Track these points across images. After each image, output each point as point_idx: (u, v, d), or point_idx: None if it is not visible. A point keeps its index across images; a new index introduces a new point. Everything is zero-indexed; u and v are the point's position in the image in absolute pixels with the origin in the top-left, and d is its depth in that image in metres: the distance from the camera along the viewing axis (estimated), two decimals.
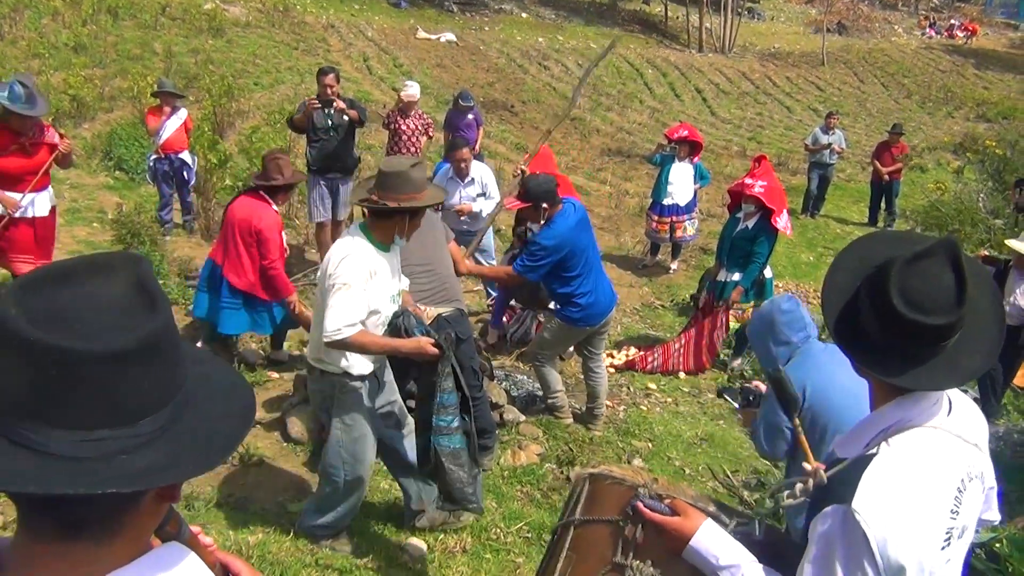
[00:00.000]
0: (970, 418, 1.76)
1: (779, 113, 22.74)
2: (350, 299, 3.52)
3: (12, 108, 5.59)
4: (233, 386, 1.23)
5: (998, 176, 13.22)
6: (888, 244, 1.75)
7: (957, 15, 40.17)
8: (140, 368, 1.03)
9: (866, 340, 1.66)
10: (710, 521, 1.83)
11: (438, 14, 26.47)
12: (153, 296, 1.07)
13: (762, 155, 7.66)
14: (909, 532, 1.53)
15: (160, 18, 18.18)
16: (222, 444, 1.13)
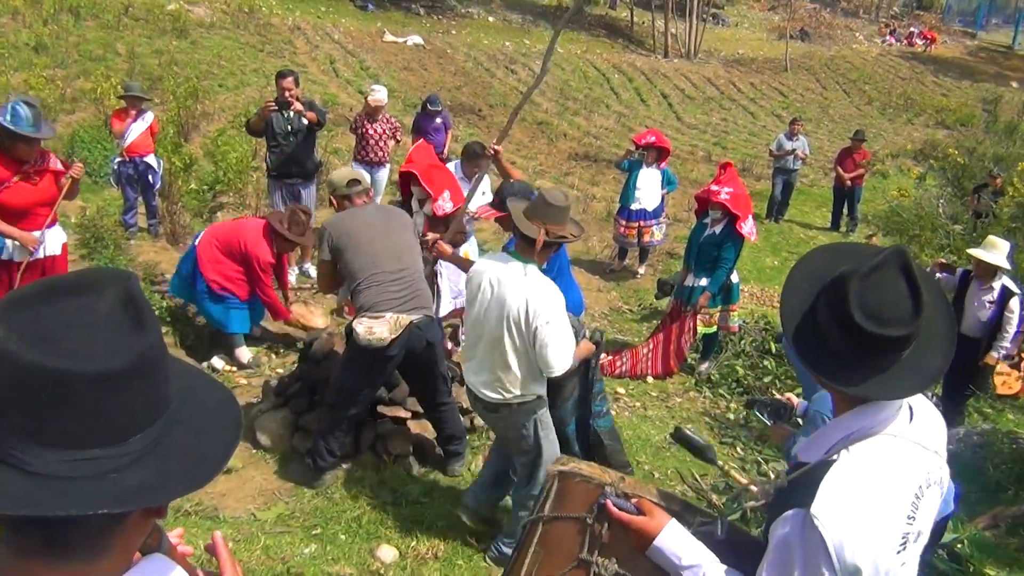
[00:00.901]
0: (930, 425, 1.80)
1: (743, 119, 22.99)
2: (567, 329, 3.81)
3: (18, 131, 5.03)
4: (220, 401, 1.23)
5: (957, 182, 13.47)
6: (837, 257, 1.79)
7: (916, 23, 40.85)
8: (131, 387, 1.03)
9: (826, 352, 1.69)
10: (674, 521, 1.87)
11: (405, 17, 26.42)
12: (142, 314, 1.06)
13: (727, 162, 7.75)
14: (865, 536, 1.57)
15: (123, 18, 17.95)
16: (211, 461, 1.13)
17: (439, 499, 4.74)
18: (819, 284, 1.73)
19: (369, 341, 4.33)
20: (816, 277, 1.75)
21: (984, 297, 6.54)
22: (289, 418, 5.19)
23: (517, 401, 3.90)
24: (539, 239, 3.79)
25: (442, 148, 11.43)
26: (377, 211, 4.96)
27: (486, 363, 3.92)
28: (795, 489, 1.69)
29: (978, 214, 11.46)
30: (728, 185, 7.09)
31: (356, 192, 4.92)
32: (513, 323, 3.76)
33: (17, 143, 5.10)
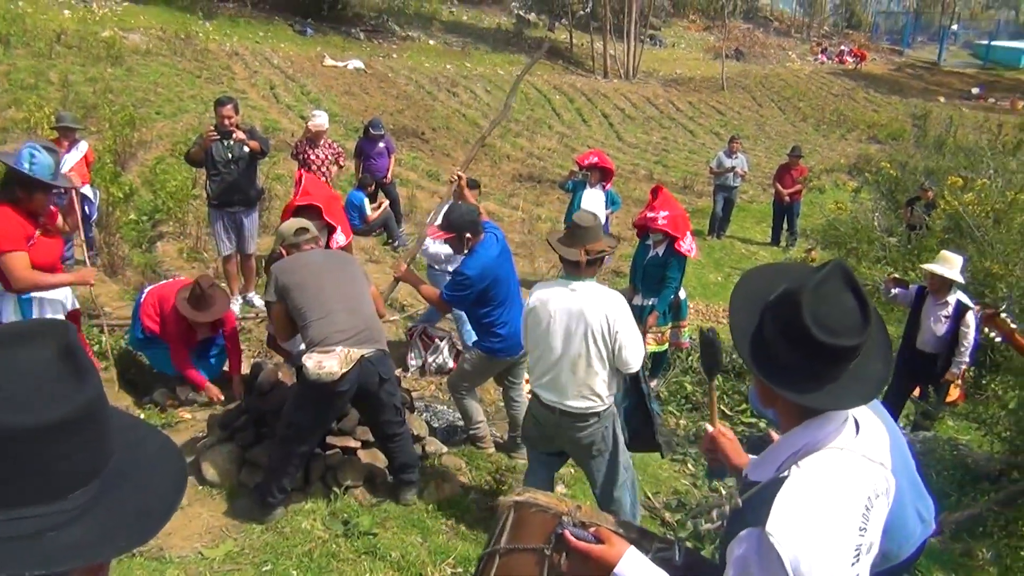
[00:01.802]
0: (875, 437, 1.85)
1: (683, 137, 23.36)
2: (635, 328, 4.25)
3: (41, 180, 4.58)
4: (164, 452, 1.19)
5: (891, 196, 13.84)
6: (775, 276, 1.86)
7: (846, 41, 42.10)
8: (71, 440, 1.00)
9: (778, 366, 1.74)
10: (633, 549, 1.87)
11: (345, 41, 26.33)
12: (81, 365, 1.03)
13: (659, 185, 7.84)
14: (820, 551, 1.59)
15: (55, 46, 17.59)
16: (156, 515, 1.09)
17: (392, 529, 4.68)
18: (761, 302, 1.80)
19: (319, 376, 4.26)
20: (757, 296, 1.82)
21: (940, 312, 6.60)
22: (235, 452, 5.07)
23: (606, 405, 4.29)
24: (581, 260, 4.21)
25: (385, 172, 11.40)
26: (323, 254, 4.98)
27: (571, 379, 4.25)
28: (749, 508, 1.72)
29: (912, 226, 11.78)
30: (663, 208, 7.19)
31: (304, 240, 4.93)
32: (597, 336, 4.16)
33: (36, 193, 4.63)
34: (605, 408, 4.29)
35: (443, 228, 5.41)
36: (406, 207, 12.61)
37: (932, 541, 5.45)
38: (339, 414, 4.87)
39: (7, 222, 4.54)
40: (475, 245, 5.34)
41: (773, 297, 1.78)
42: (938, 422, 7.39)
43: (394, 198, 11.71)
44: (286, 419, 4.57)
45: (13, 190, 4.59)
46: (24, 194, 4.59)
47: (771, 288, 1.80)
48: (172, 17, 23.24)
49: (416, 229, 11.82)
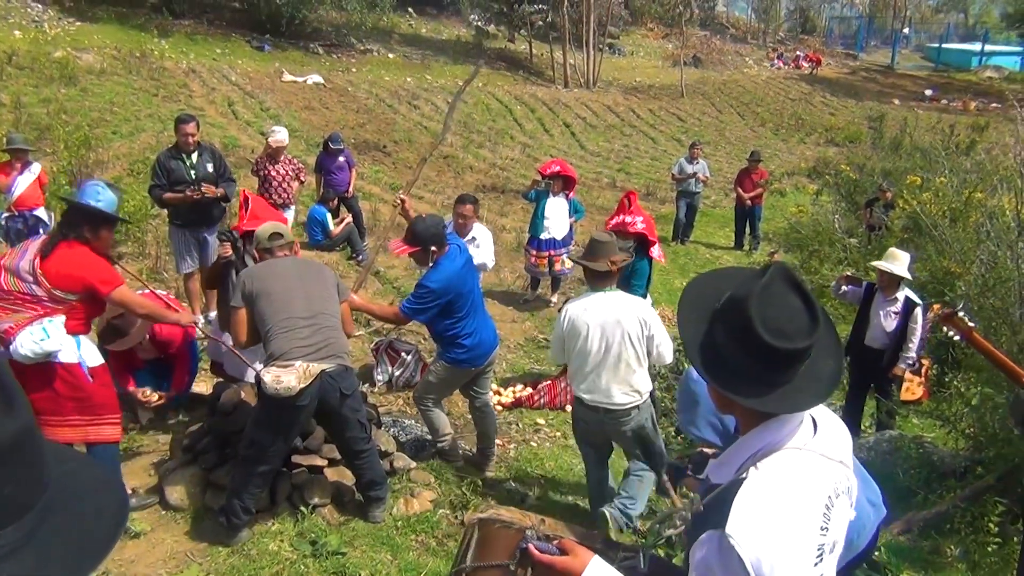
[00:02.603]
0: (834, 436, 1.84)
1: (644, 144, 23.51)
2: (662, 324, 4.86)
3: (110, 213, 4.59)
4: (103, 483, 1.14)
5: (850, 198, 14.04)
6: (718, 281, 1.87)
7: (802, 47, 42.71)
8: (2, 472, 0.94)
9: (729, 372, 1.74)
10: (598, 558, 1.85)
11: (303, 56, 26.19)
12: (10, 395, 0.98)
13: (631, 191, 7.85)
14: (782, 551, 1.57)
15: (6, 67, 17.26)
16: (94, 547, 1.04)
17: (361, 547, 4.61)
18: (708, 309, 1.80)
19: (276, 391, 4.19)
20: (703, 304, 1.82)
21: (889, 308, 6.78)
22: (199, 475, 4.97)
23: (642, 400, 4.82)
24: (612, 270, 4.83)
25: (346, 187, 11.33)
26: (294, 263, 4.88)
27: (613, 379, 4.77)
28: (710, 511, 1.71)
29: (872, 227, 11.95)
30: (639, 214, 7.20)
31: (277, 245, 4.90)
32: (634, 338, 4.72)
33: (102, 229, 4.58)
34: (644, 401, 4.85)
35: (407, 241, 5.36)
36: (369, 221, 12.54)
37: (901, 539, 5.53)
38: (301, 431, 4.79)
39: (97, 260, 4.50)
40: (439, 258, 5.30)
41: (720, 304, 1.78)
42: (903, 420, 7.47)
43: (356, 212, 11.63)
44: (247, 438, 4.49)
45: (79, 228, 4.48)
46: (91, 231, 4.51)
47: (716, 295, 1.80)
48: (127, 35, 22.96)
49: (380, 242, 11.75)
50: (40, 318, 4.36)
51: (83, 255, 4.44)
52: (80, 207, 4.51)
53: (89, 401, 4.53)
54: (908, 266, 6.73)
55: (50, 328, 4.36)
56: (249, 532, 4.60)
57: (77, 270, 4.39)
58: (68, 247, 4.42)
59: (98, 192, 4.55)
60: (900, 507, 5.89)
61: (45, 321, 4.36)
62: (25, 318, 4.33)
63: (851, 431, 6.49)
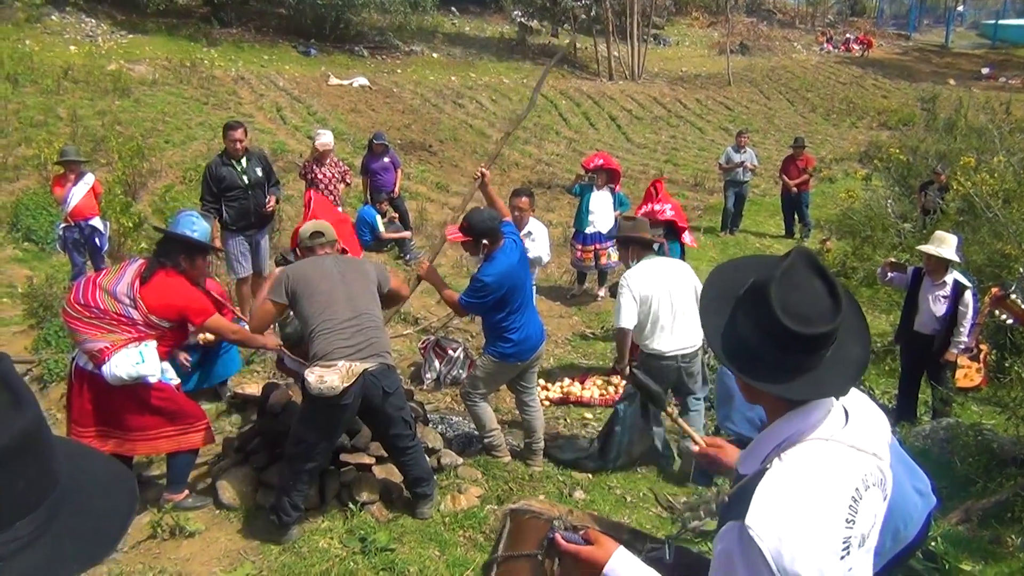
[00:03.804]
0: (868, 427, 1.81)
1: (692, 135, 23.27)
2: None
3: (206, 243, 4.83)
4: (113, 475, 1.18)
5: (903, 181, 13.73)
6: (739, 271, 1.85)
7: (851, 29, 41.84)
8: (12, 468, 0.99)
9: (754, 360, 1.71)
10: (622, 549, 1.85)
11: (349, 59, 26.45)
12: (18, 393, 1.02)
13: (658, 179, 7.78)
14: (802, 543, 1.55)
15: (62, 82, 17.74)
16: (106, 538, 1.08)
17: (409, 543, 4.66)
18: (731, 298, 1.78)
19: (320, 390, 4.26)
20: (726, 292, 1.80)
21: (938, 292, 6.63)
22: (251, 474, 5.08)
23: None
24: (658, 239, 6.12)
25: (392, 187, 11.42)
26: (336, 261, 4.92)
27: (685, 325, 5.70)
28: (734, 502, 1.69)
29: (926, 211, 11.68)
30: (667, 202, 7.16)
31: (319, 243, 5.00)
32: (692, 287, 5.74)
33: (197, 258, 4.78)
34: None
35: (462, 231, 5.39)
36: (416, 220, 12.63)
37: (959, 529, 5.40)
38: (345, 429, 4.85)
39: (193, 291, 4.69)
40: (494, 251, 5.33)
41: (742, 292, 1.75)
42: (960, 407, 7.30)
43: (403, 212, 11.73)
44: (293, 436, 4.57)
45: (175, 258, 4.66)
46: (187, 261, 4.69)
47: (738, 283, 1.78)
48: (177, 46, 23.43)
49: (427, 241, 11.84)
50: (135, 341, 4.51)
51: (180, 285, 4.63)
52: (176, 237, 4.70)
53: (181, 411, 4.75)
54: (956, 249, 6.55)
55: (146, 352, 4.53)
56: (300, 530, 4.69)
57: (175, 300, 4.57)
58: (167, 275, 4.60)
59: (193, 222, 4.75)
60: (958, 496, 5.76)
61: (141, 345, 4.52)
62: (120, 340, 4.47)
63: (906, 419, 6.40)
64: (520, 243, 5.58)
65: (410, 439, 4.79)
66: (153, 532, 4.67)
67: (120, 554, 4.51)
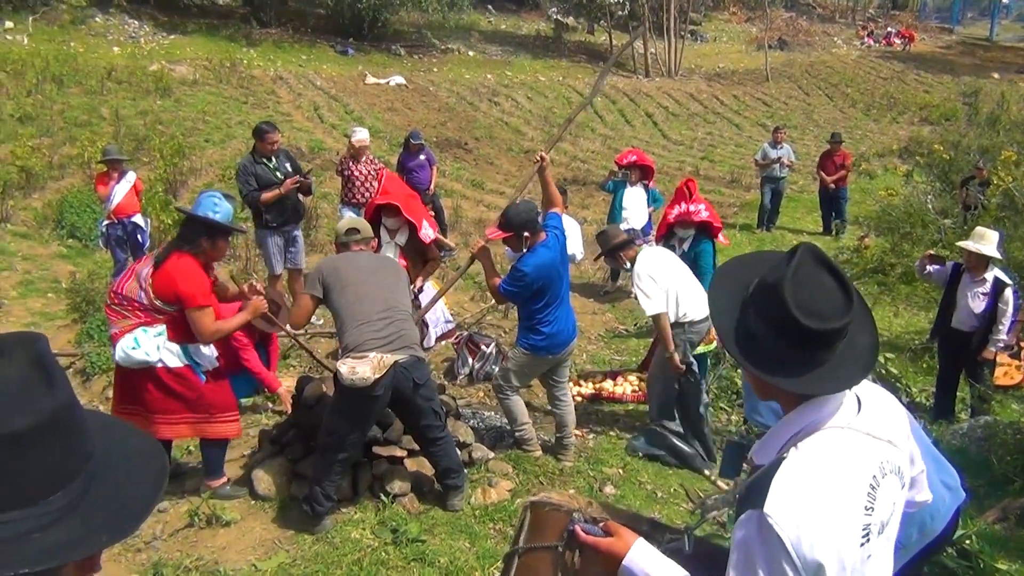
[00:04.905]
0: (883, 414, 1.82)
1: (729, 131, 23.10)
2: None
3: (228, 224, 4.75)
4: (144, 450, 1.23)
5: (944, 177, 13.51)
6: (748, 267, 1.86)
7: (893, 23, 41.19)
8: (43, 445, 1.04)
9: (766, 356, 1.73)
10: (641, 540, 1.87)
11: (386, 58, 26.64)
12: (50, 373, 1.07)
13: (690, 178, 7.73)
14: (821, 530, 1.56)
15: (106, 82, 18.12)
16: (136, 510, 1.13)
17: (440, 535, 4.71)
18: (740, 297, 1.80)
19: (352, 381, 4.33)
20: (735, 291, 1.82)
21: (977, 289, 6.54)
22: (285, 466, 5.16)
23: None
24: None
25: (428, 184, 11.48)
26: (369, 257, 5.04)
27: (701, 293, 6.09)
28: (751, 491, 1.70)
29: (967, 206, 11.49)
30: (700, 202, 7.13)
31: (354, 240, 5.05)
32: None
33: (219, 240, 4.72)
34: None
35: (501, 227, 5.42)
36: (451, 218, 12.70)
37: (996, 528, 5.33)
38: (376, 420, 4.92)
39: (198, 276, 4.59)
40: (536, 244, 5.36)
41: (751, 291, 1.77)
42: (999, 406, 7.19)
43: (438, 209, 11.79)
44: (326, 427, 4.65)
45: (196, 240, 4.63)
46: (209, 242, 4.66)
47: (745, 281, 1.80)
48: (217, 47, 23.78)
49: (461, 238, 11.91)
50: (143, 326, 4.58)
51: (185, 269, 4.55)
52: (198, 219, 4.65)
53: (202, 400, 4.76)
54: (997, 245, 6.46)
55: (142, 338, 4.55)
56: (332, 520, 4.76)
57: (174, 282, 4.52)
58: (177, 258, 4.57)
59: (215, 204, 4.66)
60: (995, 495, 5.69)
61: (139, 331, 4.56)
62: (129, 324, 4.55)
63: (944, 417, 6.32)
64: (563, 238, 5.59)
65: (440, 430, 4.85)
66: (191, 521, 4.77)
67: (159, 542, 4.63)
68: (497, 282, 5.50)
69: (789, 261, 1.73)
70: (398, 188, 7.04)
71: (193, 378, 4.72)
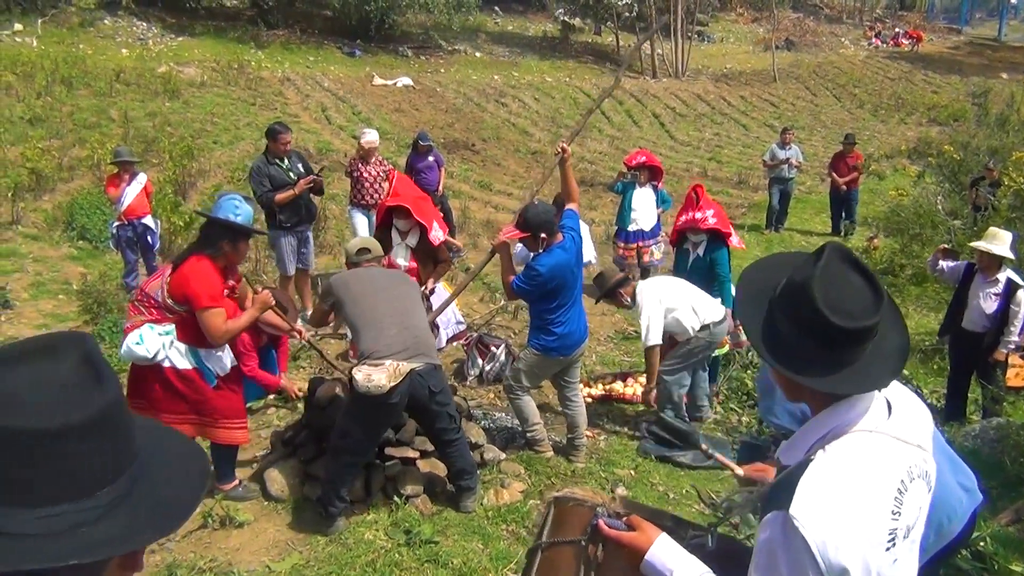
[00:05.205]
0: (911, 419, 1.81)
1: (736, 132, 23.08)
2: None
3: (249, 227, 4.72)
4: (186, 452, 1.26)
5: (954, 178, 13.47)
6: (773, 269, 1.86)
7: (901, 23, 41.13)
8: (94, 441, 1.07)
9: (796, 356, 1.72)
10: (664, 535, 1.86)
11: (393, 59, 26.69)
12: (100, 371, 1.10)
13: (698, 184, 7.71)
14: (848, 534, 1.55)
15: (115, 84, 18.18)
16: (180, 508, 1.16)
17: (453, 536, 4.71)
18: (765, 298, 1.79)
19: (368, 388, 4.34)
20: (761, 293, 1.81)
21: (989, 290, 6.53)
22: (298, 467, 5.18)
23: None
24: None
25: (436, 186, 11.49)
26: (381, 271, 5.18)
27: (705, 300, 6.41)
28: (777, 492, 1.69)
29: (977, 207, 11.45)
30: (709, 208, 7.11)
31: (365, 259, 5.18)
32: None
33: (240, 242, 4.69)
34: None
35: (518, 227, 5.44)
36: (459, 219, 12.71)
37: (1010, 531, 5.31)
38: (390, 425, 4.94)
39: (208, 277, 4.56)
40: (552, 244, 5.37)
41: (779, 291, 1.76)
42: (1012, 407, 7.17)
43: (447, 210, 11.80)
44: (339, 429, 4.66)
45: (217, 243, 4.61)
46: (230, 245, 4.64)
47: (770, 283, 1.79)
48: (225, 48, 23.84)
49: (469, 239, 11.92)
50: (152, 323, 4.60)
51: (200, 270, 4.54)
52: (220, 222, 4.64)
53: (207, 405, 4.74)
54: (1010, 246, 6.45)
55: (147, 334, 4.55)
56: (345, 522, 4.77)
57: (186, 283, 4.51)
58: (197, 260, 4.56)
59: (236, 206, 4.65)
60: (1009, 497, 5.66)
61: (146, 327, 4.57)
62: (140, 320, 4.59)
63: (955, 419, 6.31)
64: (579, 240, 5.60)
65: (455, 432, 4.87)
66: (204, 522, 4.78)
67: (173, 543, 4.64)
68: (511, 278, 5.51)
69: (816, 260, 1.72)
70: (409, 190, 7.07)
71: (200, 383, 4.70)
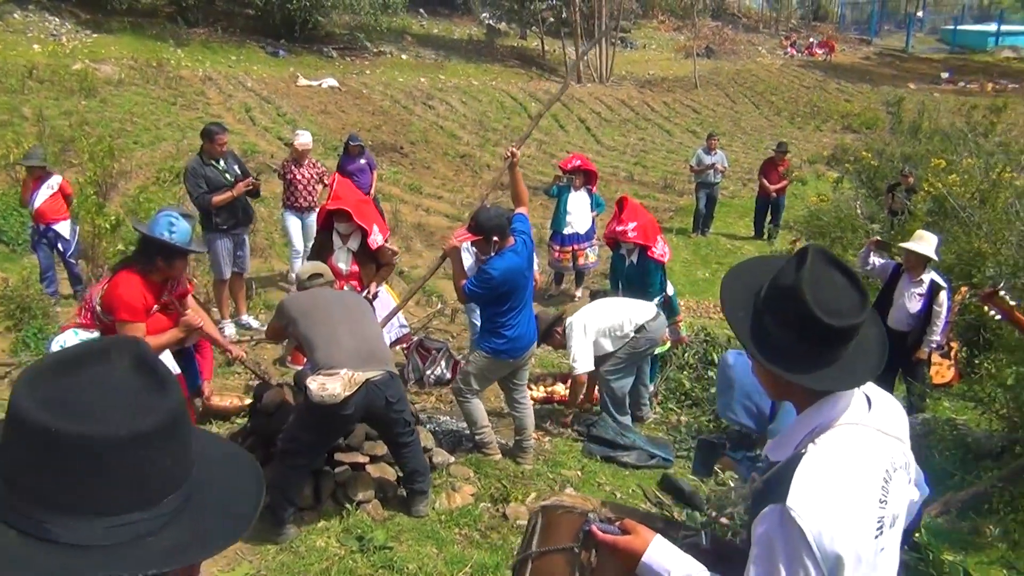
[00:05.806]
0: (890, 412, 1.89)
1: (660, 137, 23.46)
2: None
3: (184, 246, 4.60)
4: (235, 456, 1.24)
5: (871, 183, 13.99)
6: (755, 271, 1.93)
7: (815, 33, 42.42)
8: (161, 447, 1.05)
9: (786, 354, 1.78)
10: (660, 537, 1.88)
11: (318, 60, 26.27)
12: (162, 377, 1.08)
13: (624, 196, 7.92)
14: (842, 523, 1.61)
15: (27, 81, 17.43)
16: (242, 514, 1.14)
17: (407, 541, 4.68)
18: (750, 301, 1.85)
19: (322, 398, 4.28)
20: (745, 296, 1.87)
21: (914, 290, 6.80)
22: None
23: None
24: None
25: (368, 189, 11.38)
26: (331, 291, 5.16)
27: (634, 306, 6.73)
28: (769, 487, 1.75)
29: (894, 212, 11.92)
30: (631, 220, 7.30)
31: (316, 284, 5.11)
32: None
33: (176, 260, 4.62)
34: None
35: (471, 230, 5.45)
36: (390, 221, 12.59)
37: (939, 520, 5.55)
38: (341, 434, 4.90)
39: (132, 292, 4.47)
40: (505, 248, 5.39)
41: (764, 292, 1.82)
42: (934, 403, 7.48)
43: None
44: (288, 434, 4.60)
45: (152, 259, 4.54)
46: (164, 262, 4.56)
47: (753, 285, 1.85)
48: (143, 46, 23.12)
49: (401, 243, 11.84)
50: (78, 328, 4.54)
51: (127, 284, 4.48)
52: (153, 241, 4.54)
53: None
54: (935, 248, 6.74)
55: (70, 339, 4.56)
56: (296, 529, 4.69)
57: (112, 295, 4.48)
58: (127, 274, 4.52)
59: (171, 223, 4.54)
60: (937, 489, 5.90)
61: (71, 331, 4.60)
62: (74, 322, 4.52)
63: None
64: (531, 244, 5.67)
65: (409, 435, 4.85)
66: None
67: None
68: (462, 282, 5.51)
69: (800, 263, 1.78)
70: (349, 193, 7.00)
71: None
